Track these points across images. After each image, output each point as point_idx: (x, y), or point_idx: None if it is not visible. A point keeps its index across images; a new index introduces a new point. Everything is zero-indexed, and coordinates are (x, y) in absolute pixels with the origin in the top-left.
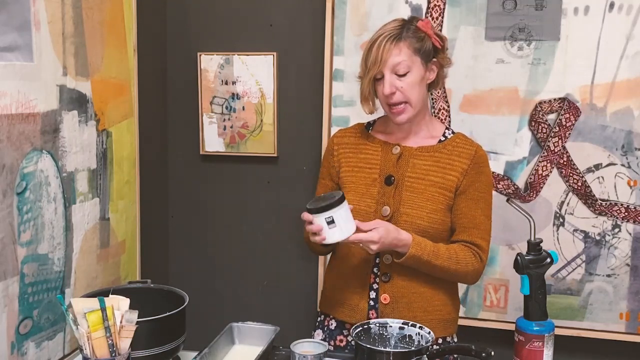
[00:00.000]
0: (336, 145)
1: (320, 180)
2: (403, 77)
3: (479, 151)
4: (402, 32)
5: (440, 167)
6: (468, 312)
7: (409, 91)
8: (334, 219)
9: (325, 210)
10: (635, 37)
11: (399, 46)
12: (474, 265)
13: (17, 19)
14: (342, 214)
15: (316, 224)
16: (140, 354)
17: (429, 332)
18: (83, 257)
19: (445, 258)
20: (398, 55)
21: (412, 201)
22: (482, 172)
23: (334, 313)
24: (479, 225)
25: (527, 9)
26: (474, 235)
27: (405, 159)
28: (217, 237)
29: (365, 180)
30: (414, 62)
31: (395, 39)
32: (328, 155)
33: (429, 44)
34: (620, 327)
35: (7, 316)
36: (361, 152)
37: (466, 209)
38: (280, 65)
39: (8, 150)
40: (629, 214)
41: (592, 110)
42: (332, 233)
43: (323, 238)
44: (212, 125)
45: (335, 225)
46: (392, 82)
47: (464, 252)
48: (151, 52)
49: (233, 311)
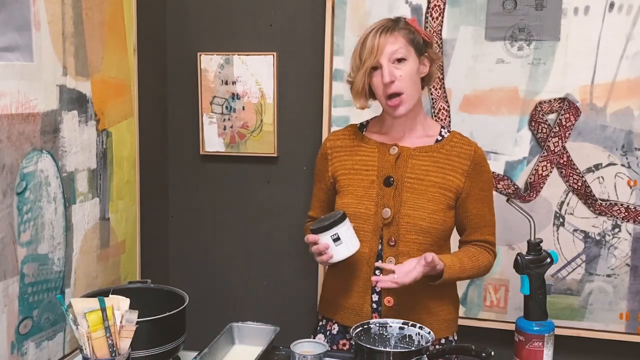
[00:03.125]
0: (329, 149)
1: (316, 184)
2: (401, 66)
3: (477, 150)
4: (394, 24)
5: (439, 167)
6: (468, 312)
7: (407, 80)
8: (339, 236)
9: (330, 228)
10: (635, 37)
11: (394, 35)
12: (490, 261)
13: (17, 19)
14: (347, 231)
15: (322, 243)
16: (140, 354)
17: (429, 332)
18: (83, 257)
19: (469, 268)
20: (394, 43)
21: (413, 202)
22: (483, 171)
23: (336, 317)
24: (488, 223)
25: (527, 9)
26: (485, 233)
27: (403, 160)
28: (217, 237)
29: (363, 183)
30: (410, 51)
31: (389, 29)
32: (322, 159)
33: (419, 38)
34: (620, 327)
35: (7, 316)
36: (356, 154)
37: (475, 210)
38: (280, 65)
39: (8, 150)
40: (629, 214)
41: (592, 110)
42: (339, 250)
43: (330, 256)
44: (212, 125)
45: (341, 242)
46: (391, 71)
47: (481, 254)
48: (151, 52)
49: (233, 311)
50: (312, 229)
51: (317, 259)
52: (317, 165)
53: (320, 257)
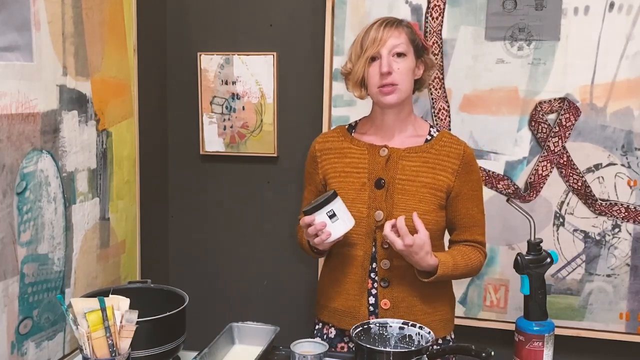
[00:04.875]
0: (318, 152)
1: (306, 187)
2: (400, 60)
3: (466, 149)
4: (399, 21)
5: (429, 167)
6: (468, 312)
7: (403, 75)
8: (335, 212)
9: (324, 205)
10: (635, 37)
11: (399, 30)
12: (481, 261)
13: (17, 19)
14: (341, 207)
15: (319, 221)
16: (140, 354)
17: (429, 332)
18: (83, 257)
19: (463, 266)
20: (398, 37)
21: (405, 204)
22: (472, 170)
23: (333, 321)
24: (477, 223)
25: (527, 9)
26: (475, 234)
27: (393, 161)
28: (217, 237)
29: (354, 185)
30: (409, 50)
31: (394, 24)
32: (311, 161)
33: (419, 41)
34: (620, 327)
35: (7, 316)
36: (346, 157)
37: (464, 209)
38: (280, 65)
39: (8, 150)
40: (629, 214)
41: (592, 110)
42: (336, 227)
43: (328, 234)
44: (212, 125)
45: (338, 218)
46: (389, 62)
47: (473, 253)
48: (151, 52)
49: (233, 311)
50: (305, 211)
51: (315, 241)
52: (306, 168)
53: (318, 238)
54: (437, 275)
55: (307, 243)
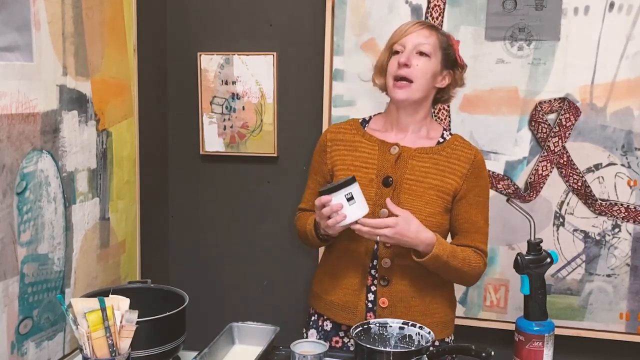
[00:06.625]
0: (329, 142)
1: (311, 176)
2: (422, 58)
3: (477, 155)
4: (434, 26)
5: (439, 169)
6: (468, 312)
7: (421, 73)
8: (353, 195)
9: (344, 187)
10: (635, 37)
11: (430, 31)
12: (480, 268)
13: (17, 19)
14: (359, 192)
15: (335, 203)
16: (140, 354)
17: (429, 332)
18: (83, 257)
19: (461, 259)
20: (426, 37)
21: (411, 204)
22: (481, 176)
23: (329, 314)
24: (480, 230)
25: (527, 9)
26: (476, 240)
27: (403, 160)
28: (217, 237)
29: (362, 181)
30: (436, 54)
31: (429, 26)
32: (320, 150)
33: (453, 54)
34: (620, 327)
35: (7, 316)
36: (357, 150)
37: (467, 214)
38: (280, 65)
39: (8, 150)
40: (629, 214)
41: (592, 110)
42: (353, 210)
43: (344, 216)
44: (212, 125)
45: (355, 202)
46: (409, 56)
47: (473, 255)
48: (151, 52)
49: (233, 311)
50: (322, 191)
51: (329, 222)
52: (314, 157)
53: (332, 219)
54: (433, 254)
55: (313, 229)
